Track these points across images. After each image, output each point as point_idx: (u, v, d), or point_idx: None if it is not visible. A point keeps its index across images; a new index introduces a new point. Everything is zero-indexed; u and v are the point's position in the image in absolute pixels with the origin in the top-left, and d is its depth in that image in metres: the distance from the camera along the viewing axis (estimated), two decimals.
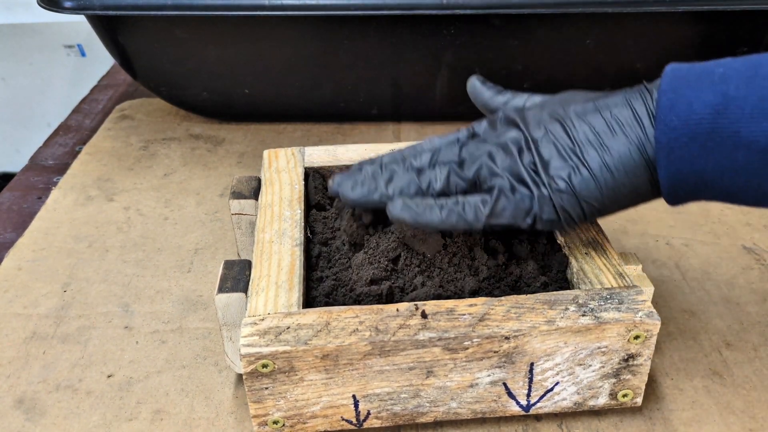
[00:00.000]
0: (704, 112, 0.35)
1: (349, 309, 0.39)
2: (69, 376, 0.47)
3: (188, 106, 0.79)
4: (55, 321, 0.51)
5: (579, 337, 0.38)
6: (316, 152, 0.54)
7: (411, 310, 0.38)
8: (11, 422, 0.43)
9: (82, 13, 0.66)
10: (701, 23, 0.67)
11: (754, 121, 0.34)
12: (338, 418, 0.40)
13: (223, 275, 0.42)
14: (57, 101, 1.40)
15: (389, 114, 0.78)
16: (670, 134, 0.36)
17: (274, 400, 0.38)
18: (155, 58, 0.72)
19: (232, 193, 0.50)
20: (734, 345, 0.48)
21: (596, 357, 0.39)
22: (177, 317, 0.52)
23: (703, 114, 0.35)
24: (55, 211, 0.64)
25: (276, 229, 0.45)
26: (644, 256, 0.57)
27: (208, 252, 0.59)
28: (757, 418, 0.43)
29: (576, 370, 0.39)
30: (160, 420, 0.43)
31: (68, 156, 0.75)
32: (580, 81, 0.73)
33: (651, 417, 0.43)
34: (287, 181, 0.50)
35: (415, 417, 0.40)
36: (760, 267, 0.56)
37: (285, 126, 0.80)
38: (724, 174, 0.35)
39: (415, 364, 0.38)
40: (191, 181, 0.69)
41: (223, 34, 0.69)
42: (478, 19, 0.67)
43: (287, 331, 0.37)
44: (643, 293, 0.40)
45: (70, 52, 1.37)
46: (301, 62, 0.72)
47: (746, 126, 0.34)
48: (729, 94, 0.35)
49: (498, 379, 0.39)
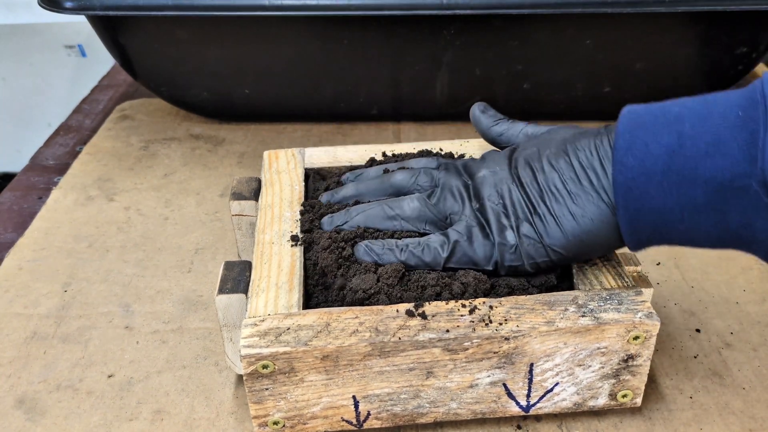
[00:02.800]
0: (660, 152, 0.35)
1: (349, 310, 0.39)
2: (69, 376, 0.47)
3: (188, 106, 0.79)
4: (56, 321, 0.51)
5: (579, 337, 0.38)
6: (316, 153, 0.54)
7: (411, 310, 0.39)
8: (12, 422, 0.43)
9: (82, 14, 0.66)
10: (701, 23, 0.67)
11: (710, 158, 0.34)
12: (338, 418, 0.40)
13: (224, 276, 0.42)
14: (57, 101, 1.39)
15: (389, 114, 0.78)
16: (626, 174, 0.36)
17: (274, 400, 0.38)
18: (156, 59, 0.72)
19: (232, 194, 0.50)
20: (734, 345, 0.48)
21: (596, 357, 0.39)
22: (177, 317, 0.52)
23: (659, 153, 0.35)
24: (56, 211, 0.65)
25: (276, 230, 0.45)
26: (644, 256, 0.57)
27: (209, 252, 0.59)
28: (757, 418, 0.43)
29: (576, 370, 0.40)
30: (160, 420, 0.43)
31: (69, 156, 0.75)
32: (580, 81, 0.73)
33: (651, 417, 0.43)
34: (287, 182, 0.50)
35: (415, 418, 0.40)
36: (760, 267, 0.56)
37: (285, 126, 0.80)
38: (684, 212, 0.35)
39: (415, 365, 0.38)
40: (191, 181, 0.69)
41: (223, 34, 0.69)
42: (478, 19, 0.67)
43: (287, 332, 0.37)
44: (642, 294, 0.40)
45: (70, 52, 1.37)
46: (301, 62, 0.72)
47: (702, 163, 0.34)
48: (684, 133, 0.35)
49: (498, 380, 0.39)
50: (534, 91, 0.74)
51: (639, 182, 0.36)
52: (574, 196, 0.39)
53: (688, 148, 0.34)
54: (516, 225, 0.40)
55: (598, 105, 0.76)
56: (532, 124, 0.46)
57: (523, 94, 0.74)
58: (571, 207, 0.39)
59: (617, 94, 0.74)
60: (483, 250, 0.41)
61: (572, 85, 0.74)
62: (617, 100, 0.76)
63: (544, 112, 0.78)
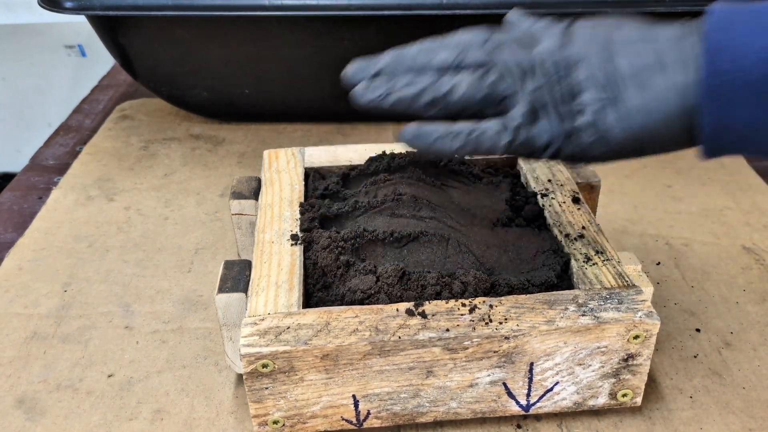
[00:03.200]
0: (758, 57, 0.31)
1: (349, 309, 0.39)
2: (69, 375, 0.47)
3: (188, 106, 0.79)
4: (56, 321, 0.51)
5: (579, 337, 0.38)
6: (316, 152, 0.54)
7: (411, 309, 0.39)
8: (12, 422, 0.43)
9: (82, 14, 0.66)
10: None
11: None
12: (338, 417, 0.40)
13: (224, 275, 0.42)
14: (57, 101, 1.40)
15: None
16: (719, 79, 0.32)
17: (274, 399, 0.38)
18: (155, 59, 0.72)
19: (232, 194, 0.50)
20: (734, 345, 0.48)
21: (596, 357, 0.39)
22: (177, 317, 0.52)
23: (757, 59, 0.31)
24: (56, 211, 0.65)
25: (276, 230, 0.45)
26: (644, 256, 0.57)
27: (209, 252, 0.59)
28: (757, 418, 0.43)
29: (576, 369, 0.40)
30: (160, 420, 0.43)
31: (69, 156, 0.75)
32: None
33: (651, 417, 0.43)
34: (287, 182, 0.50)
35: (415, 417, 0.40)
36: (760, 267, 0.56)
37: (285, 126, 0.80)
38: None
39: (414, 364, 0.38)
40: (191, 181, 0.69)
41: (223, 34, 0.70)
42: (478, 19, 0.67)
43: (287, 331, 0.37)
44: (642, 293, 0.40)
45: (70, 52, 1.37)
46: (301, 62, 0.72)
47: None
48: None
49: (498, 379, 0.39)
50: None
51: (732, 88, 0.32)
52: (648, 88, 0.35)
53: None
54: (578, 111, 0.36)
55: None
56: None
57: None
58: (646, 98, 0.35)
59: None
60: (544, 136, 0.37)
61: None
62: None
63: None
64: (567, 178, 0.50)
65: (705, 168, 0.70)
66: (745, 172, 0.70)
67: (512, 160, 0.54)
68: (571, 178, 0.51)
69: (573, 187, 0.50)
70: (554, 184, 0.50)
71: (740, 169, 0.70)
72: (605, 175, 0.68)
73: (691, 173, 0.70)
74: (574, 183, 0.50)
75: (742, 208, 0.64)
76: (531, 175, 0.51)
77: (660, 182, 0.68)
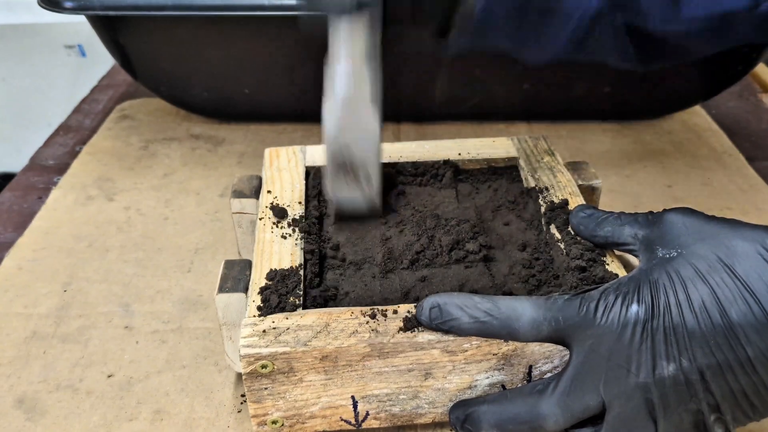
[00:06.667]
0: None
1: (349, 310, 0.39)
2: (69, 375, 0.47)
3: (188, 106, 0.79)
4: (56, 321, 0.51)
5: None
6: (318, 151, 0.54)
7: (410, 311, 0.39)
8: (11, 422, 0.43)
9: (82, 14, 0.66)
10: None
11: None
12: (337, 418, 0.40)
13: (224, 275, 0.42)
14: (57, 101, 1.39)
15: (389, 114, 0.78)
16: None
17: (273, 400, 0.38)
18: (155, 58, 0.72)
19: (232, 192, 0.50)
20: None
21: None
22: (177, 317, 0.52)
23: None
24: (56, 211, 0.65)
25: (277, 229, 0.45)
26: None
27: (208, 252, 0.59)
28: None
29: None
30: (160, 420, 0.43)
31: (68, 156, 0.75)
32: (580, 81, 0.73)
33: None
34: (288, 180, 0.50)
35: (413, 418, 0.40)
36: None
37: (285, 126, 0.80)
38: None
39: (413, 366, 0.38)
40: (191, 181, 0.69)
41: (223, 34, 0.70)
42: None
43: (287, 332, 0.37)
44: None
45: (70, 52, 1.37)
46: (301, 62, 0.72)
47: None
48: None
49: (496, 382, 0.39)
50: (534, 91, 0.74)
51: None
52: None
53: None
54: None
55: (598, 105, 0.76)
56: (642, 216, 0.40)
57: (523, 94, 0.74)
58: None
59: (617, 94, 0.74)
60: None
61: (572, 85, 0.74)
62: (617, 100, 0.76)
63: (544, 112, 0.78)
64: (568, 179, 0.50)
65: (705, 168, 0.70)
66: (745, 172, 0.70)
67: (513, 161, 0.54)
68: (572, 179, 0.50)
69: (574, 188, 0.49)
70: (555, 187, 0.50)
71: (740, 169, 0.70)
72: (606, 175, 0.68)
73: (691, 173, 0.70)
74: (575, 185, 0.50)
75: (742, 208, 0.64)
76: (532, 176, 0.51)
77: (660, 182, 0.68)
